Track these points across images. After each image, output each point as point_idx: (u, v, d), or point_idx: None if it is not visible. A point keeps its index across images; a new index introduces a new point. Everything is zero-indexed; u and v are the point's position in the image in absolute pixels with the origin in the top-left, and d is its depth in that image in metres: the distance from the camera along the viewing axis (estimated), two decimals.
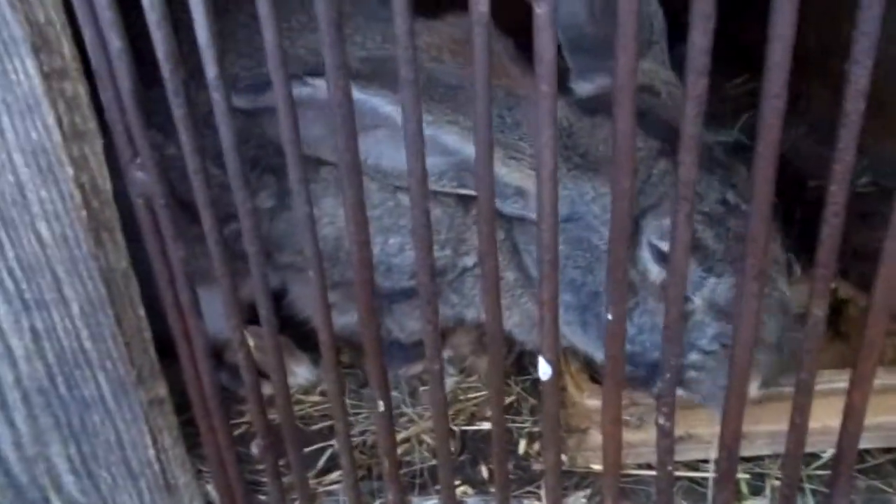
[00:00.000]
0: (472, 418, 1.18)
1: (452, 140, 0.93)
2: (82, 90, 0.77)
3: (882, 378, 1.02)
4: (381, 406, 0.94)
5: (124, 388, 0.91)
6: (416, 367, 1.28)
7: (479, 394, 1.23)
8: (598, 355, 1.03)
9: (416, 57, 0.67)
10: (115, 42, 0.73)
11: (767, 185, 0.69)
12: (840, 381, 1.00)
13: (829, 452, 1.05)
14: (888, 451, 1.05)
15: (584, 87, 1.05)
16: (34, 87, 0.73)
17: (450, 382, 1.26)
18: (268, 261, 1.00)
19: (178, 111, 0.75)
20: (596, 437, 1.05)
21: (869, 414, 1.02)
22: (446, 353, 1.33)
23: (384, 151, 0.96)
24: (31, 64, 0.72)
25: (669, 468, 0.94)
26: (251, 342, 0.93)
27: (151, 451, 0.96)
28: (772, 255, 0.93)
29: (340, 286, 1.15)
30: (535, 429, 1.15)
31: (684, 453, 1.08)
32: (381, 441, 0.96)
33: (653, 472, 1.06)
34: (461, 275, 1.11)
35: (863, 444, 1.04)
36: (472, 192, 0.91)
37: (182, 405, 0.98)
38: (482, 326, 1.37)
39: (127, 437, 0.95)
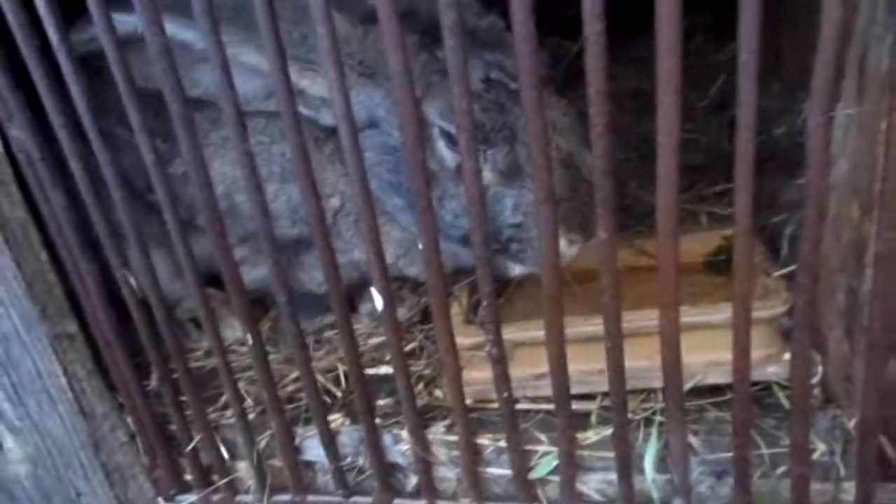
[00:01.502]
0: (373, 361, 1.27)
1: (257, 59, 1.00)
2: None
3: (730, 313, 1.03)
4: (249, 339, 1.05)
5: (31, 323, 1.06)
6: (328, 318, 1.38)
7: (380, 339, 1.31)
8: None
9: None
10: None
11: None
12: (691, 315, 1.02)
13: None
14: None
15: None
16: None
17: (360, 329, 1.35)
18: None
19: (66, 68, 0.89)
20: (468, 374, 1.11)
21: (724, 349, 1.04)
22: (366, 307, 1.42)
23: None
24: None
25: (506, 394, 0.99)
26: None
27: (63, 380, 1.11)
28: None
29: (246, 241, 1.26)
30: (427, 371, 1.22)
31: (546, 388, 1.12)
32: (259, 373, 1.07)
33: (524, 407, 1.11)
34: (334, 219, 1.18)
35: (720, 379, 1.06)
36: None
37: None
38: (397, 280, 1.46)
39: (42, 367, 1.10)
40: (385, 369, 1.26)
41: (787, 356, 1.04)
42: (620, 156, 1.86)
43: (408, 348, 1.29)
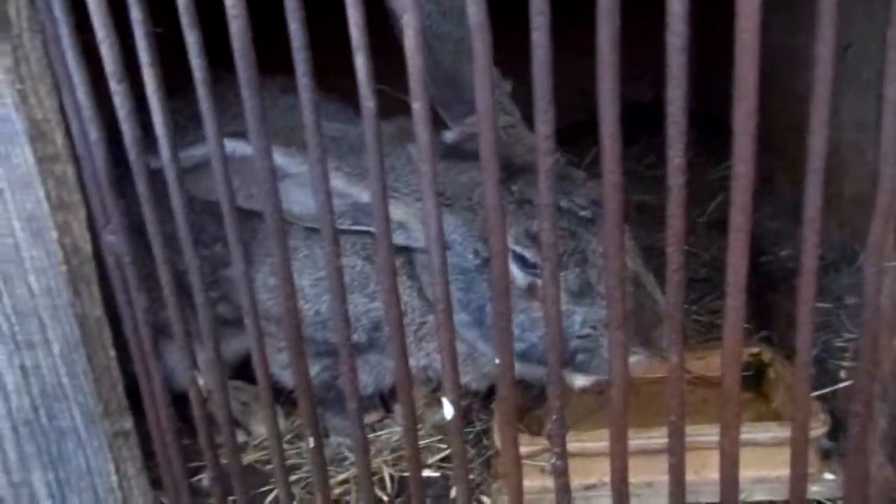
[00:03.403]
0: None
1: (340, 184, 1.11)
2: (70, 171, 0.97)
3: (777, 432, 1.10)
4: (311, 442, 1.06)
5: (93, 419, 1.07)
6: (371, 417, 1.40)
7: (424, 442, 1.33)
8: None
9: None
10: (94, 133, 0.93)
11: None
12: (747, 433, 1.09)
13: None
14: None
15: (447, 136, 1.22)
16: (30, 168, 0.94)
17: (398, 431, 1.37)
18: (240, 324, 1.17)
19: (140, 186, 0.94)
20: None
21: (768, 466, 1.10)
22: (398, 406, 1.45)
23: (294, 198, 1.14)
24: (28, 151, 0.93)
25: None
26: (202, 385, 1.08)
27: (115, 479, 1.10)
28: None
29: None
30: (471, 476, 1.24)
31: (597, 500, 1.16)
32: (314, 474, 1.09)
33: None
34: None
35: (765, 496, 1.11)
36: (368, 228, 1.12)
37: None
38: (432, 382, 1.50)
39: (94, 464, 1.10)
40: (428, 472, 1.27)
41: (826, 475, 1.11)
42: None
43: (446, 452, 1.32)
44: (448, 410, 1.00)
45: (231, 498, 1.15)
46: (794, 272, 1.70)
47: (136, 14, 0.84)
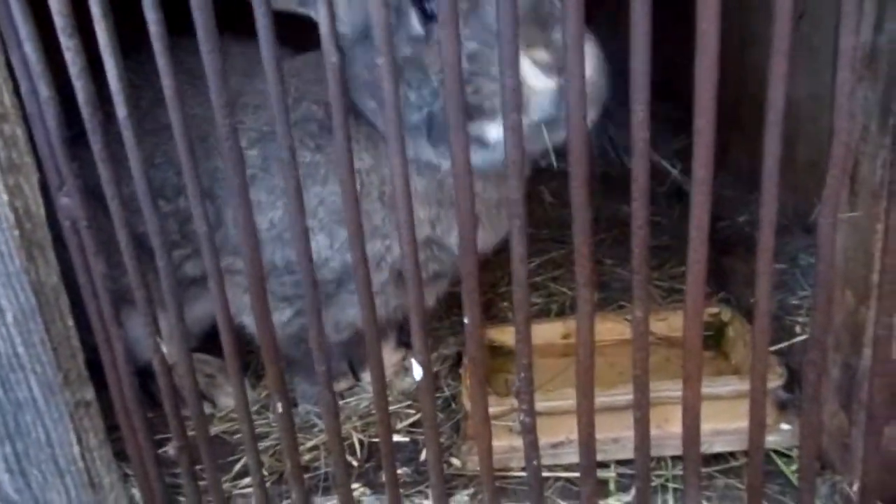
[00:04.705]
0: None
1: None
2: (20, 131, 0.93)
3: (737, 385, 1.14)
4: (280, 407, 1.06)
5: (52, 390, 1.04)
6: (340, 385, 1.40)
7: (394, 407, 1.34)
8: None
9: None
10: (44, 91, 0.89)
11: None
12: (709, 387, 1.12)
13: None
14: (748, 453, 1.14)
15: None
16: None
17: (366, 398, 1.37)
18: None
19: (95, 146, 0.91)
20: None
21: (728, 419, 1.14)
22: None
23: None
24: None
25: (535, 463, 1.04)
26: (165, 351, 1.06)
27: (76, 449, 1.08)
28: None
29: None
30: (441, 440, 1.25)
31: (564, 457, 1.18)
32: (283, 441, 1.08)
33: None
34: None
35: (724, 448, 1.15)
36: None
37: None
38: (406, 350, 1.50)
39: (55, 435, 1.07)
40: (397, 438, 1.28)
41: (783, 426, 1.15)
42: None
43: (415, 418, 1.32)
44: (417, 372, 1.00)
45: (198, 467, 1.13)
46: (751, 236, 1.75)
47: None
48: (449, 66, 0.78)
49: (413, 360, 1.00)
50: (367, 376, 1.47)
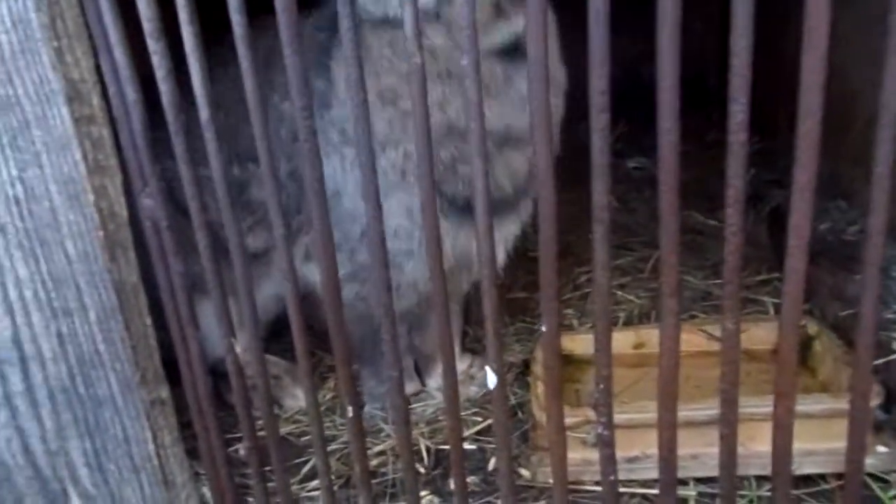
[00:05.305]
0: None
1: None
2: (106, 133, 0.95)
3: (830, 404, 1.07)
4: (350, 412, 1.05)
5: (130, 387, 1.06)
6: (407, 388, 1.39)
7: (464, 415, 1.32)
8: None
9: None
10: (131, 94, 0.91)
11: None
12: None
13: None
14: (840, 476, 1.07)
15: None
16: (67, 130, 0.92)
17: (433, 404, 1.36)
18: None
19: (178, 148, 0.92)
20: None
21: (820, 439, 1.07)
22: (436, 381, 1.43)
23: None
24: (65, 112, 0.91)
25: (612, 478, 1.00)
26: (239, 350, 1.07)
27: (151, 447, 1.09)
28: None
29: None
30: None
31: (640, 472, 1.13)
32: (352, 445, 1.07)
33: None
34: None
35: (814, 469, 1.08)
36: None
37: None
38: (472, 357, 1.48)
39: (131, 432, 1.09)
40: (465, 445, 1.25)
41: (879, 448, 1.08)
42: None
43: (482, 426, 1.30)
44: (492, 379, 0.98)
45: (267, 468, 1.14)
46: (835, 246, 1.66)
47: None
48: None
49: (488, 368, 0.97)
50: (432, 382, 1.46)
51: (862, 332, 0.82)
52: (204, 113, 0.89)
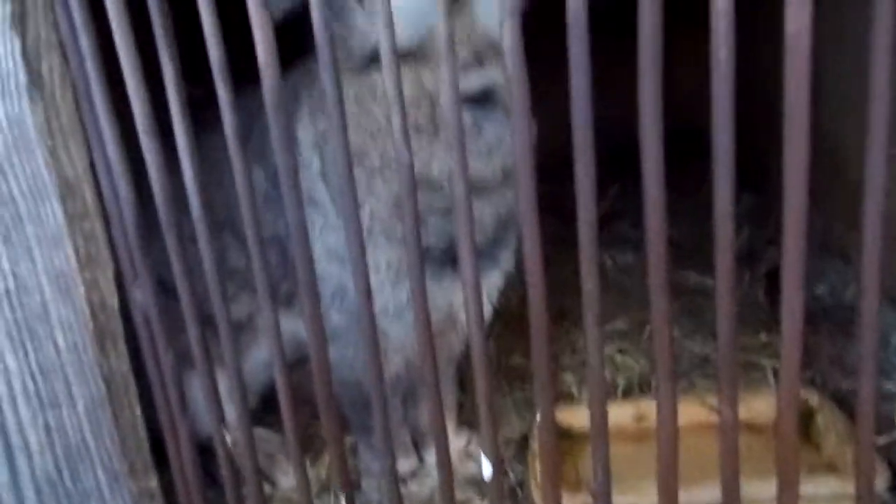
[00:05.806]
0: None
1: None
2: (98, 227, 0.96)
3: (837, 487, 1.05)
4: (343, 500, 1.02)
5: (118, 479, 1.04)
6: (403, 466, 1.35)
7: (464, 496, 1.29)
8: None
9: None
10: (124, 190, 0.92)
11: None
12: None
13: None
14: None
15: None
16: (60, 226, 0.93)
17: (429, 482, 1.33)
18: None
19: (169, 242, 0.93)
20: None
21: None
22: (434, 457, 1.40)
23: None
24: (58, 208, 0.92)
25: None
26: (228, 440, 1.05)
27: None
28: None
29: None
30: None
31: None
32: None
33: None
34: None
35: None
36: None
37: None
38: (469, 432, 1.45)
39: None
40: None
41: None
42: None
43: None
44: (486, 469, 0.96)
45: None
46: (833, 311, 1.65)
47: (168, 72, 0.84)
48: None
49: (482, 455, 0.95)
50: (431, 458, 1.42)
51: (862, 416, 0.81)
52: (196, 210, 0.90)
